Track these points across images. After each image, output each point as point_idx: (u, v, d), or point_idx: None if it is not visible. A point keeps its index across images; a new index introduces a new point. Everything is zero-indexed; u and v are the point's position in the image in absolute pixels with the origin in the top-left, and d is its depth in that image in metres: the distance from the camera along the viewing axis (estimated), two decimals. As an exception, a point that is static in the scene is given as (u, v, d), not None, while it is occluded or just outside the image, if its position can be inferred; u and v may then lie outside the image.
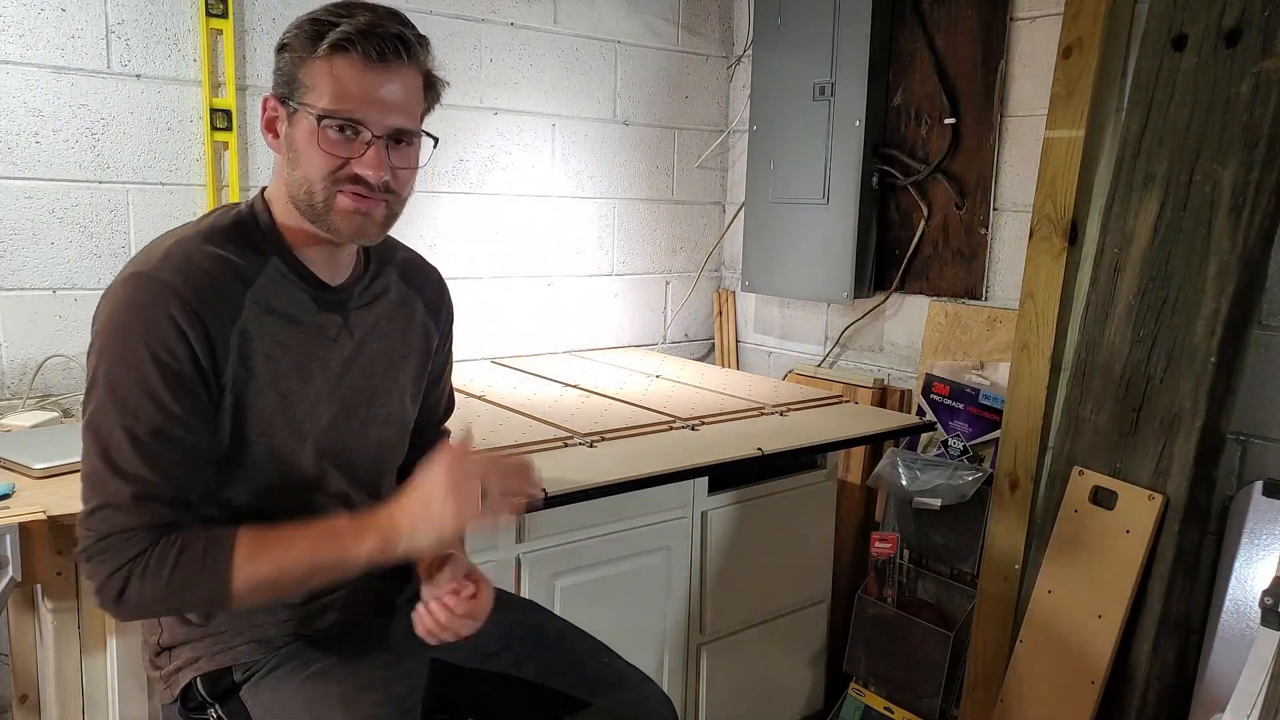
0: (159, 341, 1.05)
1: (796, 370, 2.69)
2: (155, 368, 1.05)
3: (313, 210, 1.14)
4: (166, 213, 2.01)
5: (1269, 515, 1.74)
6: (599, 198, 2.73)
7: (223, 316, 1.10)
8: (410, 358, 1.31)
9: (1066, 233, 1.97)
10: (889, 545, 2.23)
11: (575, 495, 1.53)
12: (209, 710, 1.19)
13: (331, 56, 1.09)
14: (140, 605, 1.06)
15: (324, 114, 1.09)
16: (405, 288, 1.32)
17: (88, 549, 1.05)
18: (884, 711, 2.23)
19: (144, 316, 1.06)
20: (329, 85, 1.10)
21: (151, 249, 1.13)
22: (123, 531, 1.04)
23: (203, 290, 1.09)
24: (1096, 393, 1.88)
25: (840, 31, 2.43)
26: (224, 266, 1.12)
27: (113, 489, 1.04)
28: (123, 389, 1.05)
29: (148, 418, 1.05)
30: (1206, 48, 1.74)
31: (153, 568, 1.04)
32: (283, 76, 1.13)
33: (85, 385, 1.09)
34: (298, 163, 1.13)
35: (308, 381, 1.18)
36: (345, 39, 1.08)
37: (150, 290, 1.06)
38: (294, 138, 1.13)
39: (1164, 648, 1.77)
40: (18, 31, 1.83)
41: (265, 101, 1.16)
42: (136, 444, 1.04)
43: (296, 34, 1.12)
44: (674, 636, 2.00)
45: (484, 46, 2.43)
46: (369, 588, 1.30)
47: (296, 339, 1.17)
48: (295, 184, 1.14)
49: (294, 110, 1.12)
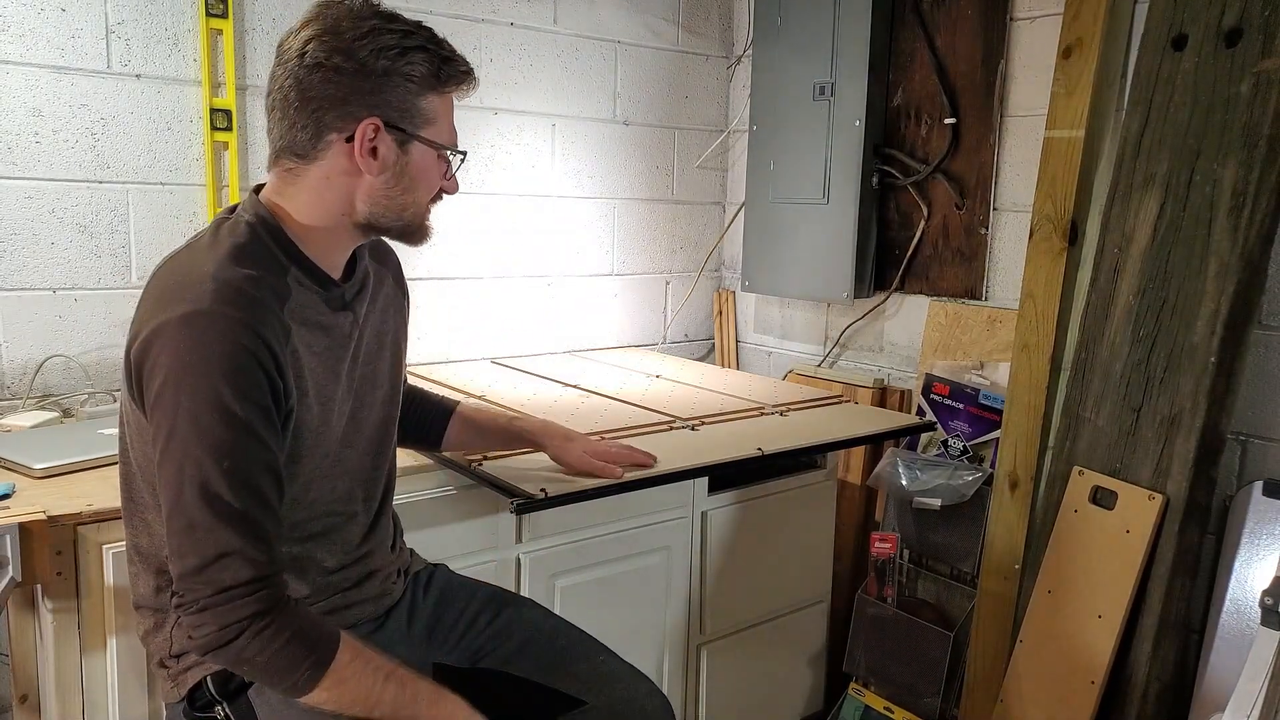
0: (239, 375, 1.04)
1: (796, 370, 2.69)
2: (239, 401, 1.03)
3: (405, 227, 1.21)
4: (166, 213, 2.01)
5: (1269, 515, 1.74)
6: (599, 198, 2.73)
7: (280, 339, 1.10)
8: (389, 334, 1.35)
9: (1066, 233, 1.97)
10: (889, 545, 2.23)
11: (575, 495, 1.53)
12: (216, 709, 1.19)
13: (450, 91, 1.18)
14: (238, 658, 1.05)
15: (454, 149, 1.20)
16: (376, 265, 1.36)
17: (201, 601, 1.03)
18: (884, 711, 2.23)
19: (218, 353, 1.03)
20: (448, 120, 1.19)
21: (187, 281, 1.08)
22: (242, 585, 1.03)
23: (261, 316, 1.08)
24: (1096, 393, 1.88)
25: (840, 31, 2.43)
26: (265, 288, 1.11)
27: (224, 538, 1.03)
28: (212, 431, 1.02)
29: (243, 453, 1.04)
30: (1206, 48, 1.74)
31: (266, 637, 1.03)
32: (395, 103, 1.14)
33: (152, 434, 1.06)
34: (410, 189, 1.18)
35: (336, 383, 1.22)
36: (464, 76, 1.18)
37: (216, 326, 1.04)
38: (409, 166, 1.17)
39: (1164, 648, 1.77)
40: (18, 31, 1.83)
41: (364, 127, 1.13)
42: (236, 483, 1.03)
43: (410, 62, 1.13)
44: (674, 636, 2.00)
45: (484, 46, 2.43)
46: (373, 590, 1.31)
47: (326, 345, 1.20)
48: (398, 206, 1.19)
49: (409, 139, 1.16)
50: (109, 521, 1.37)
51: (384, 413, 1.33)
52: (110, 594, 1.39)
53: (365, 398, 1.28)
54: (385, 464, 1.35)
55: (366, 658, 1.10)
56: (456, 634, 1.39)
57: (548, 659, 1.36)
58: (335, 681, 1.07)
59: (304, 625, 1.07)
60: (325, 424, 1.20)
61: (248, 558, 1.03)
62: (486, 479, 1.57)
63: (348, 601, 1.28)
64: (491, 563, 1.73)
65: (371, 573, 1.32)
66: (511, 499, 1.49)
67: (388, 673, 1.11)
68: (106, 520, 1.37)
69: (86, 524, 1.37)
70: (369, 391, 1.29)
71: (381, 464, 1.34)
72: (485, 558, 1.72)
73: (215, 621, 1.03)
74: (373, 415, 1.31)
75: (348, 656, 1.08)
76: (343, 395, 1.23)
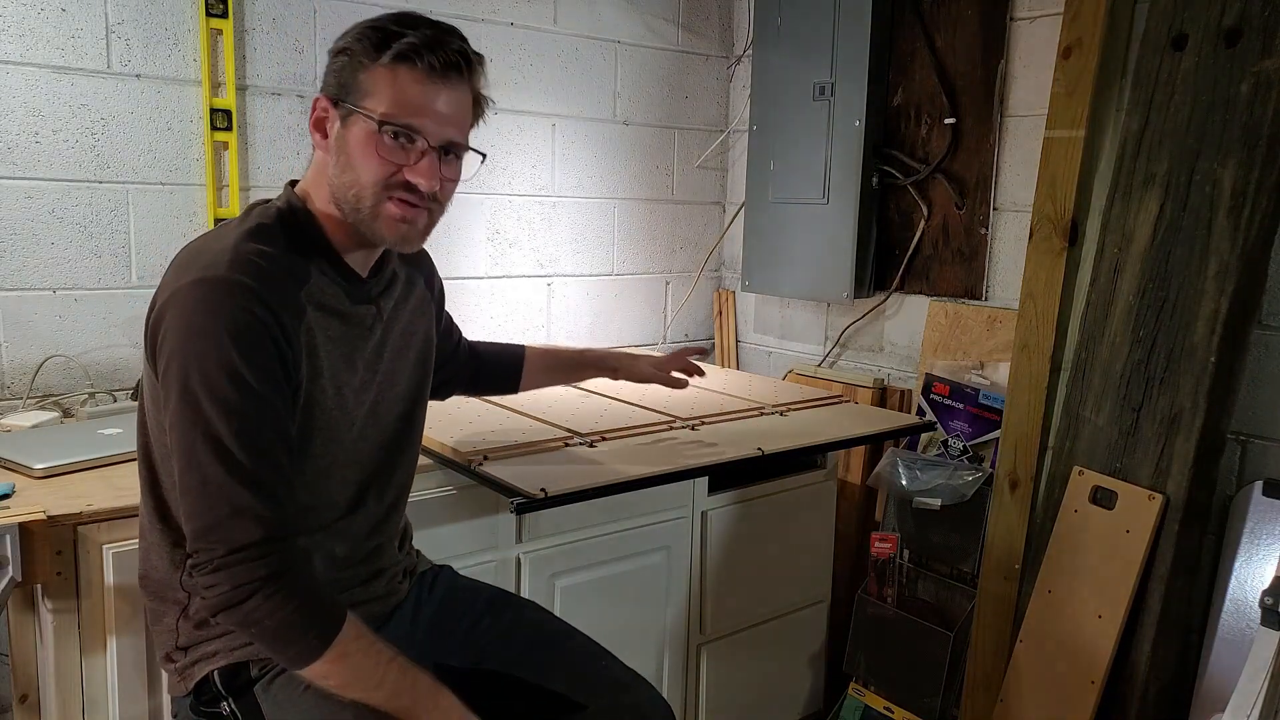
0: (246, 337, 1.05)
1: (796, 370, 2.69)
2: (246, 363, 1.04)
3: (358, 214, 1.15)
4: (166, 213, 2.01)
5: (1269, 515, 1.74)
6: (599, 198, 2.73)
7: (293, 314, 1.12)
8: (417, 334, 1.37)
9: (1066, 233, 1.97)
10: (889, 545, 2.23)
11: (575, 495, 1.53)
12: (222, 704, 1.19)
13: (396, 65, 1.11)
14: (247, 619, 1.05)
15: (384, 119, 1.11)
16: (407, 268, 1.37)
17: (215, 560, 1.03)
18: (884, 711, 2.23)
19: (226, 316, 1.04)
20: (390, 92, 1.11)
21: (204, 250, 1.11)
22: (255, 545, 1.03)
23: (274, 287, 1.09)
24: (1096, 393, 1.88)
25: (840, 31, 2.43)
26: (281, 265, 1.13)
27: (236, 494, 1.03)
28: (221, 390, 1.03)
29: (252, 412, 1.04)
30: (1206, 47, 1.74)
31: (277, 600, 1.04)
32: (339, 79, 1.14)
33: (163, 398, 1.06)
34: (349, 166, 1.14)
35: (354, 373, 1.22)
36: (412, 49, 1.10)
37: (225, 290, 1.05)
38: (347, 141, 1.14)
39: (1164, 648, 1.77)
40: (18, 31, 1.83)
41: (316, 101, 1.16)
42: (246, 443, 1.04)
43: (358, 39, 1.13)
44: (674, 636, 2.00)
45: (484, 46, 2.41)
46: (380, 588, 1.31)
47: (342, 332, 1.21)
48: (343, 187, 1.15)
49: (349, 113, 1.13)
50: (109, 521, 1.37)
51: (404, 409, 1.33)
52: (110, 594, 1.39)
53: (386, 393, 1.29)
54: (402, 461, 1.35)
55: (371, 639, 1.11)
56: (460, 635, 1.39)
57: (550, 662, 1.36)
58: (338, 655, 1.07)
59: (313, 594, 1.08)
60: (341, 410, 1.20)
61: (259, 516, 1.03)
62: (486, 479, 1.57)
63: (354, 600, 1.27)
64: (491, 563, 1.73)
65: (379, 571, 1.32)
66: (511, 499, 1.49)
67: (390, 657, 1.11)
68: (106, 520, 1.37)
69: (86, 524, 1.36)
70: (390, 389, 1.30)
71: (397, 460, 1.33)
72: (485, 557, 1.72)
73: (229, 581, 1.03)
74: (393, 410, 1.31)
75: (353, 633, 1.08)
76: (361, 386, 1.24)
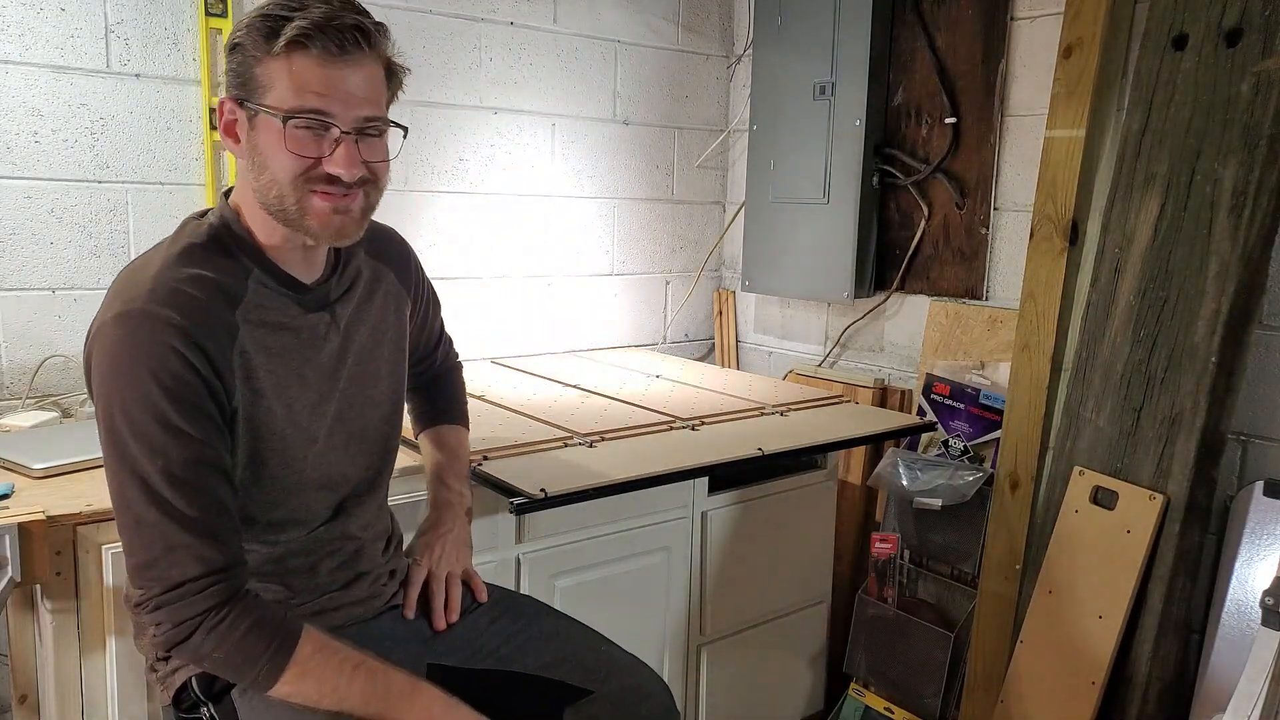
0: (167, 374, 1.03)
1: (796, 370, 2.69)
2: (169, 401, 1.02)
3: (285, 215, 1.10)
4: (166, 213, 2.01)
5: (1270, 515, 1.74)
6: (599, 197, 2.73)
7: (222, 341, 1.08)
8: (389, 332, 1.32)
9: (1067, 233, 1.97)
10: (889, 545, 2.22)
11: (575, 495, 1.53)
12: (202, 709, 1.19)
13: (290, 53, 1.04)
14: (196, 654, 1.05)
15: (289, 114, 1.05)
16: (374, 263, 1.31)
17: (153, 599, 1.03)
18: (884, 712, 2.23)
19: (146, 353, 1.03)
20: (289, 83, 1.05)
21: (131, 281, 1.08)
22: (193, 581, 1.03)
23: (197, 317, 1.06)
24: (1097, 393, 1.88)
25: (840, 31, 2.43)
26: (210, 288, 1.09)
27: (169, 533, 1.02)
28: (144, 429, 1.02)
29: (178, 451, 1.03)
30: (1207, 47, 1.74)
31: (222, 630, 1.03)
32: (238, 78, 1.08)
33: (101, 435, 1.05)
34: (265, 166, 1.08)
35: (306, 386, 1.18)
36: (302, 34, 1.03)
37: (145, 326, 1.03)
38: (257, 141, 1.08)
39: (1164, 648, 1.77)
40: (17, 31, 1.83)
41: (221, 105, 1.11)
42: (175, 481, 1.02)
43: (248, 31, 1.06)
44: (674, 636, 2.00)
45: (483, 46, 2.43)
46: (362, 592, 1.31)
47: (289, 345, 1.17)
48: (263, 189, 1.09)
49: (254, 113, 1.07)
50: (108, 522, 1.37)
51: (384, 410, 1.31)
52: (109, 594, 1.38)
53: (355, 400, 1.25)
54: (380, 464, 1.32)
55: (332, 650, 1.09)
56: (455, 635, 1.38)
57: (551, 653, 1.36)
58: (298, 674, 1.06)
59: (261, 617, 1.06)
60: (294, 427, 1.17)
61: (195, 553, 1.03)
62: (486, 479, 1.57)
63: (335, 603, 1.27)
64: (491, 563, 1.73)
65: (360, 575, 1.30)
66: (511, 499, 1.49)
67: (356, 664, 1.09)
68: (105, 520, 1.37)
69: (85, 524, 1.36)
70: (359, 394, 1.26)
71: (375, 464, 1.30)
72: (485, 558, 1.72)
73: (169, 618, 1.03)
74: (375, 414, 1.29)
75: (310, 649, 1.07)
76: (319, 399, 1.20)
